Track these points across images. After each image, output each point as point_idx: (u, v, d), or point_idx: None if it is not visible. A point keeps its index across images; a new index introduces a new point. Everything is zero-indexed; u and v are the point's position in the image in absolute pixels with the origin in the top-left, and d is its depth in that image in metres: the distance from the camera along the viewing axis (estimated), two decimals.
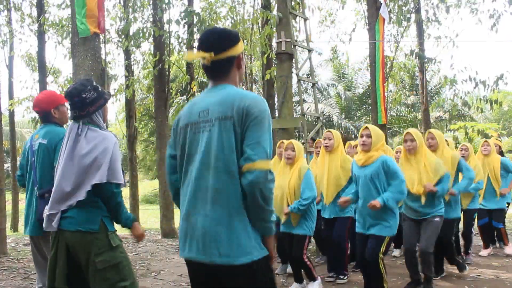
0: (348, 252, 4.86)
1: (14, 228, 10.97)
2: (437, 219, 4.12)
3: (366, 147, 3.79)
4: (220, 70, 1.92)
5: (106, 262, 2.41)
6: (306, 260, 4.24)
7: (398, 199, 3.66)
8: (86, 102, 2.49)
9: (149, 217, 14.50)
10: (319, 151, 5.04)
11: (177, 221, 4.71)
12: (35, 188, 2.94)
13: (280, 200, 4.26)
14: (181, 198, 1.94)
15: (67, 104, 3.04)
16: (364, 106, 20.30)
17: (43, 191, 2.84)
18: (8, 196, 10.92)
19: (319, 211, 4.72)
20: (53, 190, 2.50)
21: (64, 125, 3.15)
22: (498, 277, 4.82)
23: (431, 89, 19.61)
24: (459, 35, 15.68)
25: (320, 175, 4.72)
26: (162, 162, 8.60)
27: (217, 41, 1.89)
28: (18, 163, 14.57)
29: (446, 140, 4.95)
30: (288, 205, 4.21)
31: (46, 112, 3.03)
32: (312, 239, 5.52)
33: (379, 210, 3.63)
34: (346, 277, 4.67)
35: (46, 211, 2.61)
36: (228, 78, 1.93)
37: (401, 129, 19.69)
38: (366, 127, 3.89)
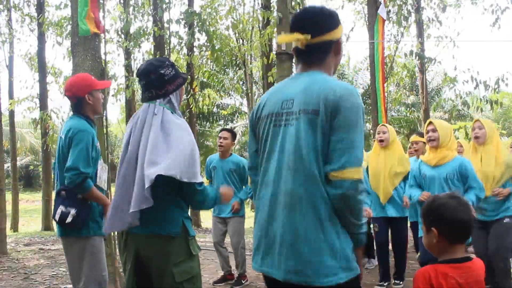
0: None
1: (14, 228, 10.96)
2: (506, 220, 3.64)
3: (435, 143, 3.48)
4: (316, 55, 1.65)
5: (185, 273, 2.02)
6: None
7: (473, 199, 3.33)
8: (164, 79, 2.08)
9: None
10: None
11: None
12: (55, 184, 2.73)
13: None
14: (257, 201, 1.69)
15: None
16: (364, 106, 20.31)
17: (61, 188, 2.62)
18: (8, 196, 10.91)
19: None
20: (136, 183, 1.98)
21: (95, 117, 2.84)
22: None
23: (432, 89, 19.62)
24: (460, 35, 15.70)
25: (376, 172, 4.41)
26: None
27: (316, 22, 1.63)
28: (18, 163, 14.56)
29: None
30: None
31: (79, 98, 2.69)
32: None
33: None
34: (402, 282, 4.43)
35: (63, 208, 2.48)
36: (322, 64, 1.66)
37: (401, 129, 19.69)
38: (430, 122, 3.58)
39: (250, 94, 13.31)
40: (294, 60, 1.83)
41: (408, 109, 20.05)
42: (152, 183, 1.90)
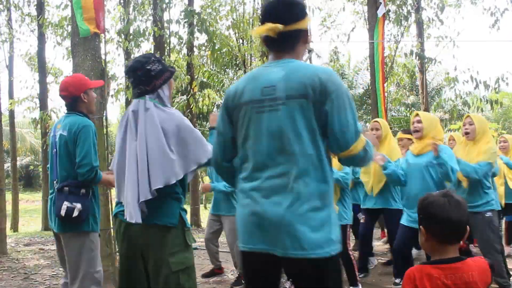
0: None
1: (14, 228, 10.97)
2: (488, 214, 3.71)
3: (419, 134, 3.63)
4: (287, 43, 1.75)
5: (180, 263, 2.07)
6: (351, 254, 3.88)
7: (447, 176, 3.44)
8: (151, 74, 2.13)
9: None
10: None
11: None
12: (55, 182, 2.78)
13: None
14: (239, 183, 1.75)
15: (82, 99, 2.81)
16: (364, 106, 20.31)
17: (62, 184, 2.69)
18: (8, 196, 10.91)
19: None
20: (129, 178, 2.07)
21: (90, 115, 2.93)
22: None
23: (432, 89, 19.61)
24: (460, 35, 15.69)
25: (368, 167, 4.40)
26: None
27: (287, 12, 1.73)
28: (18, 163, 14.55)
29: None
30: None
31: (74, 97, 2.80)
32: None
33: None
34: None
35: (68, 204, 2.56)
36: (292, 52, 1.76)
37: (402, 129, 19.67)
38: (417, 114, 3.74)
39: None
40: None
41: (408, 109, 20.04)
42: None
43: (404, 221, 3.75)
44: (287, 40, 1.74)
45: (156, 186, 2.01)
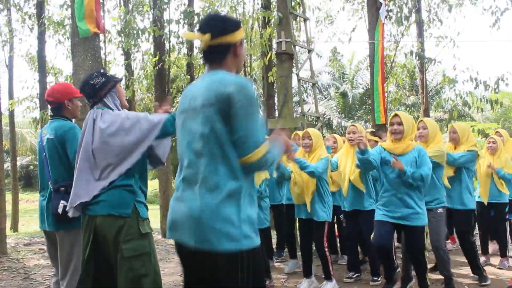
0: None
1: (14, 228, 10.96)
2: (440, 210, 4.00)
3: (399, 136, 3.68)
4: (216, 55, 1.88)
5: (133, 250, 2.32)
6: (327, 251, 4.14)
7: (419, 179, 3.54)
8: (95, 88, 2.51)
9: (149, 217, 14.49)
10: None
11: None
12: (49, 183, 2.93)
13: (299, 189, 4.19)
14: (175, 185, 1.94)
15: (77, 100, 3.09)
16: (364, 106, 20.31)
17: (58, 185, 2.85)
18: (8, 196, 10.91)
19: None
20: (77, 179, 2.45)
21: (73, 120, 3.16)
22: (498, 277, 4.83)
23: (432, 89, 19.61)
24: (460, 35, 15.68)
25: (344, 169, 4.61)
26: None
27: (216, 25, 1.86)
28: (18, 163, 14.52)
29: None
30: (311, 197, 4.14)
31: (59, 103, 3.02)
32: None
33: (408, 200, 3.59)
34: (380, 278, 4.53)
35: (64, 203, 2.67)
36: (223, 64, 1.88)
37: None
38: (396, 114, 3.77)
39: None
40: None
41: (408, 109, 20.04)
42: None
43: (379, 216, 3.79)
44: (216, 52, 1.87)
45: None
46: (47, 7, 10.65)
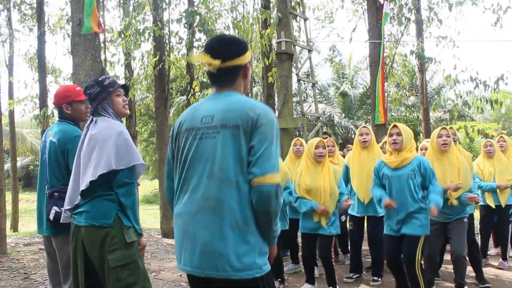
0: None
1: (14, 228, 10.96)
2: (465, 220, 3.96)
3: (398, 146, 3.66)
4: (226, 78, 1.88)
5: (119, 260, 2.29)
6: (333, 260, 4.18)
7: (440, 200, 3.56)
8: (91, 97, 2.54)
9: (149, 217, 14.50)
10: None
11: None
12: (46, 187, 2.89)
13: (317, 198, 4.08)
14: (176, 206, 1.87)
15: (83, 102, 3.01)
16: (364, 106, 20.31)
17: (53, 190, 2.81)
18: (8, 196, 10.91)
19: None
20: (69, 185, 2.48)
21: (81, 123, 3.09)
22: (498, 277, 4.82)
23: (432, 89, 19.60)
24: (460, 34, 15.66)
25: (358, 173, 4.55)
26: (162, 162, 8.59)
27: (226, 49, 1.86)
28: (18, 163, 14.48)
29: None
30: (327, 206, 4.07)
31: (59, 107, 2.98)
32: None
33: (412, 210, 3.58)
34: (380, 279, 4.59)
35: (56, 209, 2.67)
36: (233, 86, 1.89)
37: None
38: (395, 125, 3.73)
39: (250, 95, 13.30)
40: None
41: (408, 109, 20.05)
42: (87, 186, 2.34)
43: (386, 231, 3.82)
44: (226, 75, 1.87)
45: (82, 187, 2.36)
46: (47, 8, 10.65)
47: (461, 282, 3.97)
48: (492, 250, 5.89)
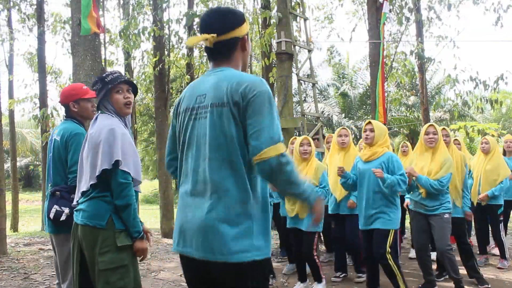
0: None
1: (14, 228, 10.97)
2: (446, 216, 3.98)
3: (369, 141, 3.88)
4: (223, 52, 1.78)
5: (108, 263, 2.24)
6: (315, 257, 4.23)
7: (397, 186, 3.67)
8: (96, 94, 2.52)
9: (149, 217, 14.50)
10: (329, 146, 4.99)
11: None
12: (49, 185, 2.90)
13: (297, 208, 4.22)
14: (180, 187, 1.82)
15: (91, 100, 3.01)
16: (364, 106, 20.32)
17: (55, 188, 2.82)
18: (8, 196, 10.92)
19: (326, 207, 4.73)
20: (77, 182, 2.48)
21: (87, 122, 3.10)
22: (498, 277, 4.83)
23: (432, 89, 19.60)
24: (460, 34, 15.64)
25: (334, 172, 4.58)
26: (161, 162, 8.59)
27: (220, 21, 1.76)
28: (18, 163, 14.48)
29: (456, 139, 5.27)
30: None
31: (66, 105, 2.99)
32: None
33: (381, 204, 3.75)
34: (364, 275, 4.59)
35: (57, 207, 2.69)
36: (230, 60, 1.79)
37: (401, 129, 19.68)
38: (369, 122, 3.97)
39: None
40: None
41: (408, 109, 20.05)
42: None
43: (360, 226, 3.95)
44: (222, 49, 1.77)
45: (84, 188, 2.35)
46: (47, 8, 10.65)
47: (456, 278, 3.99)
48: (494, 250, 5.89)
